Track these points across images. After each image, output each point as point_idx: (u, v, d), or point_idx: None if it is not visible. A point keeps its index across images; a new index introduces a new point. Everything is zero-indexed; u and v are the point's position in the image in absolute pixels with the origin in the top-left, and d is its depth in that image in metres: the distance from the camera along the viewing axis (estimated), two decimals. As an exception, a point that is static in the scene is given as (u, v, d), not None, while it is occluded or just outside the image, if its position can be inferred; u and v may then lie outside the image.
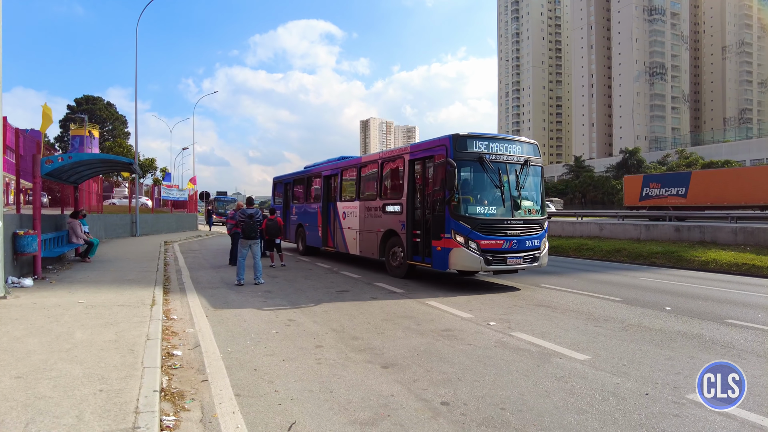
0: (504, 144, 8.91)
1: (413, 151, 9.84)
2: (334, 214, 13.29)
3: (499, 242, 8.44)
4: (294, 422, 3.24)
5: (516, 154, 8.98)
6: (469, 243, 8.27)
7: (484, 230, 8.36)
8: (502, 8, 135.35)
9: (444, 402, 3.63)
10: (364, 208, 11.50)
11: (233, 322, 6.19)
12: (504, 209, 8.66)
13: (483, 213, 8.53)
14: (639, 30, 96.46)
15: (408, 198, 9.66)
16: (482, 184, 8.70)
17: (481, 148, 8.63)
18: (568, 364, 4.56)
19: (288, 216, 17.14)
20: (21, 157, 9.32)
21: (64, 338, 4.76)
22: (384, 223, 10.56)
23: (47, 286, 7.95)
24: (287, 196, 17.62)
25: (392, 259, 10.37)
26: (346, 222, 12.43)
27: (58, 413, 3.03)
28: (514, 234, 8.60)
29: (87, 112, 68.43)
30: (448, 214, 8.36)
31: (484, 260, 8.28)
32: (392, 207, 10.26)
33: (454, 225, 8.32)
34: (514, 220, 8.66)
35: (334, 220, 13.21)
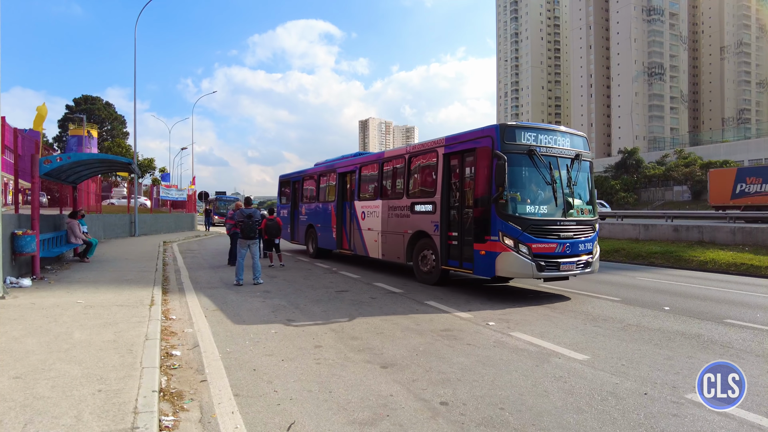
0: (554, 136, 8.06)
1: (449, 143, 8.87)
2: (350, 214, 12.33)
3: (552, 246, 7.58)
4: (293, 422, 3.24)
5: (566, 147, 8.16)
6: (519, 246, 7.39)
7: (536, 232, 7.50)
8: (501, 8, 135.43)
9: (443, 402, 3.63)
10: (388, 208, 10.61)
11: (232, 322, 6.18)
12: (556, 209, 7.83)
13: (534, 213, 7.66)
14: (638, 30, 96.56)
15: (442, 196, 8.78)
16: (532, 180, 7.83)
17: (529, 139, 7.78)
18: (567, 364, 4.57)
19: (297, 216, 16.22)
20: (19, 157, 9.31)
21: (62, 338, 4.76)
22: (412, 224, 9.68)
23: (46, 286, 7.94)
24: (296, 195, 16.62)
25: (422, 264, 9.45)
26: (366, 222, 11.51)
27: (57, 413, 3.03)
28: (567, 236, 7.75)
29: (86, 112, 68.34)
30: (494, 214, 7.50)
31: (536, 266, 7.38)
32: (423, 206, 9.34)
33: (502, 226, 7.44)
34: (567, 221, 7.82)
35: (351, 221, 12.28)
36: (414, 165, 10.12)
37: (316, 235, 14.47)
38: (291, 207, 16.77)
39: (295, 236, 16.28)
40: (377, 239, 11.02)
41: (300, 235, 15.84)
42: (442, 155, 8.94)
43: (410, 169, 10.16)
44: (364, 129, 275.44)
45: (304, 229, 15.42)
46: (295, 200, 16.57)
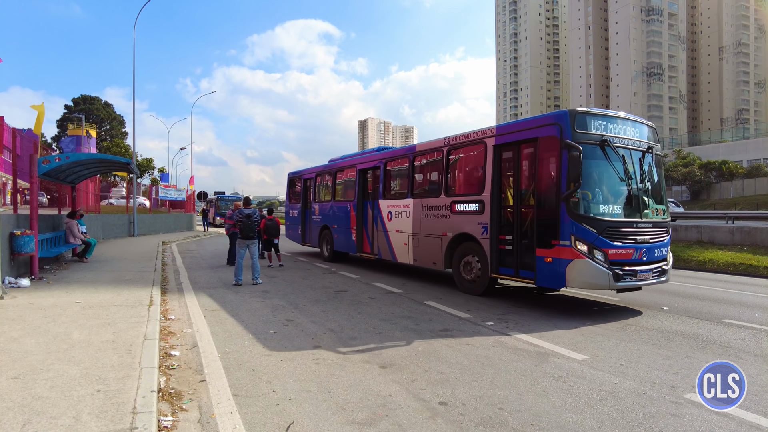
0: (625, 125, 7.19)
1: (502, 134, 7.82)
2: (374, 214, 11.31)
3: (629, 251, 6.69)
4: (292, 422, 3.24)
5: (639, 139, 7.28)
6: (594, 252, 6.43)
7: (612, 236, 6.58)
8: (500, 8, 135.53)
9: (442, 402, 3.63)
10: (421, 207, 9.56)
11: (231, 322, 6.18)
12: (631, 208, 6.96)
13: (609, 213, 6.74)
14: (636, 30, 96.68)
15: (493, 194, 7.74)
16: (605, 175, 6.89)
17: (600, 128, 6.86)
18: (566, 364, 4.57)
19: (309, 217, 15.03)
20: (18, 157, 9.29)
21: (61, 339, 4.75)
22: (452, 226, 8.63)
23: (44, 286, 7.93)
24: (308, 194, 15.41)
25: (465, 271, 8.38)
26: (393, 224, 10.46)
27: (55, 414, 3.02)
28: (644, 240, 6.87)
29: (84, 112, 68.25)
30: (565, 214, 6.50)
31: (613, 275, 6.42)
32: (467, 205, 8.31)
33: (575, 228, 6.45)
34: (644, 223, 6.97)
35: (375, 222, 11.23)
36: (454, 159, 9.05)
37: (332, 237, 13.32)
38: (302, 206, 15.69)
39: (307, 238, 15.22)
40: (407, 242, 9.97)
41: (313, 237, 14.73)
42: (492, 147, 7.86)
43: (449, 164, 9.09)
44: (363, 129, 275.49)
45: (318, 230, 14.24)
46: (307, 199, 15.45)
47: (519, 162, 7.56)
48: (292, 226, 16.76)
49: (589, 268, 6.40)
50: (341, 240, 12.81)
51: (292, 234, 16.78)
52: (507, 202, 7.69)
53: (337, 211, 13.19)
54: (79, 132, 53.42)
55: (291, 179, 17.17)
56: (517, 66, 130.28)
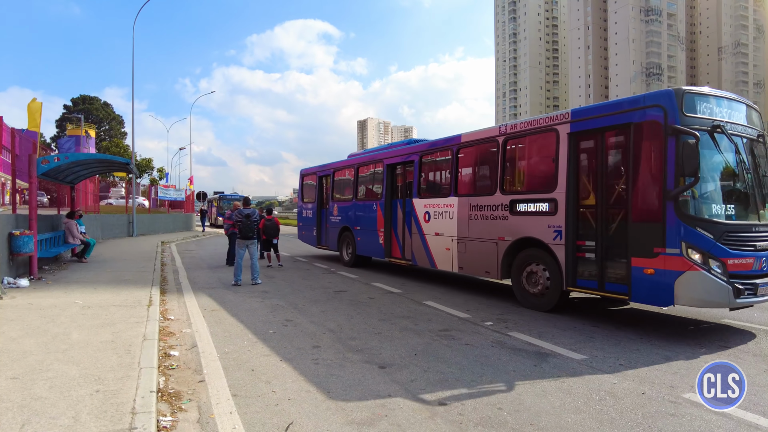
0: (735, 108, 5.98)
1: (580, 119, 6.53)
2: (406, 214, 10.15)
3: (749, 261, 5.51)
4: (291, 422, 3.24)
5: (748, 124, 6.06)
6: (710, 262, 5.27)
7: (729, 242, 5.41)
8: (499, 9, 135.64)
9: (441, 402, 3.63)
10: (470, 207, 8.28)
11: (230, 322, 6.18)
12: (747, 208, 5.84)
13: (725, 215, 5.56)
14: (635, 30, 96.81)
15: (568, 191, 6.49)
16: (718, 168, 5.75)
17: (708, 111, 5.67)
18: (565, 364, 4.58)
19: (326, 217, 13.73)
20: (17, 157, 9.29)
21: (60, 339, 4.75)
22: (512, 229, 7.38)
23: (43, 286, 7.92)
24: (324, 192, 14.12)
25: (529, 283, 7.16)
26: (432, 226, 9.22)
27: (55, 414, 3.02)
28: (764, 247, 5.66)
29: (83, 112, 68.22)
30: (673, 216, 5.36)
31: (733, 290, 5.27)
32: (533, 204, 7.06)
33: (687, 233, 5.30)
34: (762, 226, 5.79)
35: (408, 223, 10.05)
36: (513, 150, 7.81)
37: (353, 239, 12.05)
38: (317, 206, 14.31)
39: (324, 240, 13.89)
40: (450, 247, 8.71)
41: (331, 240, 13.33)
42: (567, 135, 6.62)
43: (506, 156, 7.78)
44: (362, 129, 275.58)
45: (337, 232, 12.90)
46: (323, 198, 14.11)
47: (603, 153, 6.29)
48: (306, 227, 15.32)
49: (705, 282, 5.24)
50: (365, 243, 11.59)
51: (306, 236, 15.36)
52: (587, 201, 6.45)
53: (360, 211, 11.92)
54: (78, 132, 53.35)
55: (304, 175, 15.78)
56: (516, 66, 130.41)
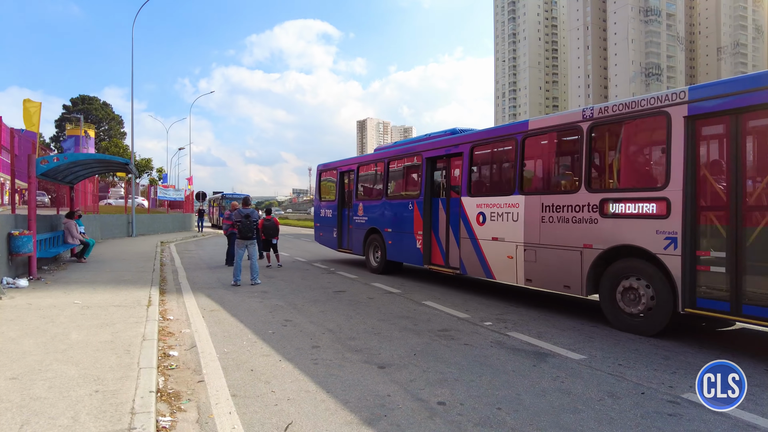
0: None
1: (700, 98, 5.30)
2: (451, 215, 8.81)
3: None
4: (290, 422, 3.24)
5: None
6: None
7: None
8: (498, 9, 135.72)
9: (441, 402, 3.64)
10: (541, 207, 6.94)
11: (230, 322, 6.18)
12: None
13: None
14: (635, 31, 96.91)
15: (686, 188, 5.29)
16: None
17: None
18: (565, 364, 4.58)
19: (349, 217, 12.55)
20: (16, 157, 9.29)
21: (59, 339, 4.75)
22: (603, 234, 6.12)
23: (42, 286, 7.92)
24: (345, 190, 12.91)
25: (625, 301, 5.95)
26: (488, 229, 7.82)
27: (54, 414, 3.02)
28: None
29: (83, 112, 68.21)
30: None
31: None
32: (634, 204, 5.78)
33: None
34: None
35: (452, 226, 8.75)
36: (603, 138, 6.51)
37: (383, 243, 10.81)
38: (338, 205, 13.02)
39: (346, 243, 12.67)
40: (513, 255, 7.34)
41: (355, 243, 12.09)
42: (683, 120, 5.38)
43: (594, 146, 6.51)
44: (362, 129, 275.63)
45: (362, 234, 11.67)
46: (345, 196, 12.92)
47: (738, 141, 5.01)
48: (325, 228, 13.92)
49: None
50: (398, 247, 10.30)
51: (324, 237, 14.01)
52: (713, 201, 5.27)
53: (391, 211, 10.59)
54: (77, 132, 53.30)
55: (321, 172, 14.42)
56: (515, 66, 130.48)
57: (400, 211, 10.32)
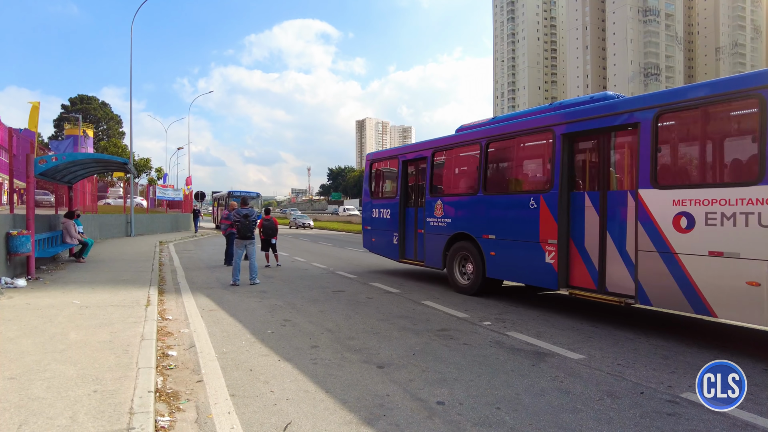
0: None
1: None
2: (614, 216, 6.20)
3: None
4: (290, 422, 3.24)
5: None
6: None
7: None
8: (497, 9, 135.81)
9: (440, 402, 3.63)
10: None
11: (228, 322, 6.17)
12: None
13: None
14: (633, 31, 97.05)
15: None
16: None
17: None
18: (564, 364, 4.58)
19: (416, 219, 9.91)
20: (14, 157, 9.26)
21: (58, 339, 4.73)
22: None
23: (41, 286, 7.90)
24: (411, 183, 10.42)
25: None
26: (699, 239, 5.20)
27: (52, 414, 3.01)
28: None
29: (81, 112, 68.18)
30: None
31: None
32: None
33: None
34: None
35: (615, 232, 6.15)
36: None
37: (479, 253, 8.06)
38: (400, 203, 10.43)
39: (412, 251, 10.01)
40: (761, 281, 4.73)
41: (430, 252, 9.33)
42: None
43: None
44: (360, 129, 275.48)
45: (442, 242, 8.94)
46: (411, 191, 10.38)
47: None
48: (379, 232, 11.21)
49: None
50: (508, 260, 7.57)
51: (378, 244, 11.29)
52: None
53: (494, 210, 7.98)
54: (76, 132, 53.22)
55: (373, 163, 11.90)
56: (514, 66, 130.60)
57: (511, 210, 7.62)
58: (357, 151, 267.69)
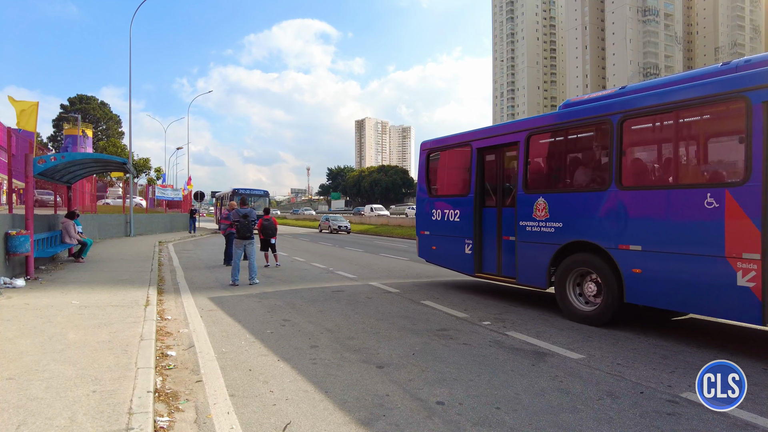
0: None
1: None
2: None
3: None
4: (289, 422, 3.23)
5: None
6: None
7: None
8: (497, 8, 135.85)
9: (439, 402, 3.63)
10: None
11: (228, 322, 6.16)
12: None
13: None
14: (633, 30, 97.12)
15: None
16: None
17: None
18: (563, 364, 4.58)
19: (500, 222, 7.77)
20: (13, 157, 9.26)
21: (56, 339, 4.73)
22: None
23: (40, 286, 7.89)
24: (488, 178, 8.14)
25: None
26: None
27: (51, 414, 3.01)
28: None
29: (81, 112, 68.14)
30: None
31: None
32: None
33: None
34: None
35: None
36: None
37: (613, 271, 6.00)
38: (475, 201, 8.14)
39: (494, 264, 7.87)
40: None
41: (525, 266, 7.24)
42: None
43: None
44: (360, 129, 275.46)
45: (546, 253, 6.85)
46: (490, 187, 8.09)
47: None
48: (442, 238, 8.95)
49: None
50: (669, 281, 5.47)
51: (440, 253, 9.08)
52: None
53: (641, 212, 5.81)
54: (75, 132, 53.15)
55: (431, 152, 9.52)
56: (514, 66, 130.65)
57: (671, 210, 5.49)
58: (356, 151, 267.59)
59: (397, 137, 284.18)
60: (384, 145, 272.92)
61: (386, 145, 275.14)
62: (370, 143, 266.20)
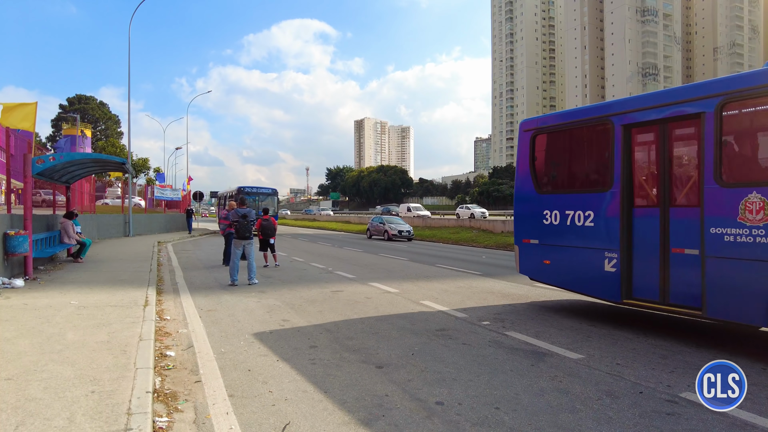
0: None
1: None
2: None
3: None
4: (288, 423, 3.23)
5: None
6: None
7: None
8: (496, 9, 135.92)
9: (439, 402, 3.63)
10: None
11: (227, 322, 6.16)
12: None
13: None
14: (632, 31, 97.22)
15: None
16: None
17: None
18: (562, 364, 4.58)
19: (666, 229, 5.47)
20: (12, 157, 9.24)
21: (55, 339, 4.72)
22: None
23: (38, 286, 7.87)
24: (642, 167, 6.04)
25: None
26: None
27: (49, 415, 3.00)
28: None
29: (79, 112, 68.05)
30: None
31: None
32: None
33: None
34: None
35: None
36: None
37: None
38: (622, 199, 5.88)
39: (656, 288, 5.55)
40: None
41: (722, 293, 4.92)
42: None
43: None
44: (359, 129, 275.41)
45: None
46: (647, 180, 5.93)
47: None
48: (562, 249, 6.69)
49: None
50: None
51: (558, 268, 6.78)
52: None
53: None
54: (74, 132, 53.06)
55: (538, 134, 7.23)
56: (513, 66, 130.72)
57: None
58: (355, 151, 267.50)
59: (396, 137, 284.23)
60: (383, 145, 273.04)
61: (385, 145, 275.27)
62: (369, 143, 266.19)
